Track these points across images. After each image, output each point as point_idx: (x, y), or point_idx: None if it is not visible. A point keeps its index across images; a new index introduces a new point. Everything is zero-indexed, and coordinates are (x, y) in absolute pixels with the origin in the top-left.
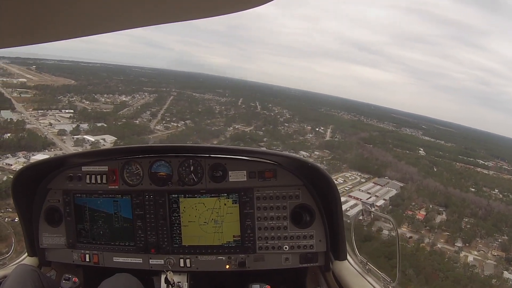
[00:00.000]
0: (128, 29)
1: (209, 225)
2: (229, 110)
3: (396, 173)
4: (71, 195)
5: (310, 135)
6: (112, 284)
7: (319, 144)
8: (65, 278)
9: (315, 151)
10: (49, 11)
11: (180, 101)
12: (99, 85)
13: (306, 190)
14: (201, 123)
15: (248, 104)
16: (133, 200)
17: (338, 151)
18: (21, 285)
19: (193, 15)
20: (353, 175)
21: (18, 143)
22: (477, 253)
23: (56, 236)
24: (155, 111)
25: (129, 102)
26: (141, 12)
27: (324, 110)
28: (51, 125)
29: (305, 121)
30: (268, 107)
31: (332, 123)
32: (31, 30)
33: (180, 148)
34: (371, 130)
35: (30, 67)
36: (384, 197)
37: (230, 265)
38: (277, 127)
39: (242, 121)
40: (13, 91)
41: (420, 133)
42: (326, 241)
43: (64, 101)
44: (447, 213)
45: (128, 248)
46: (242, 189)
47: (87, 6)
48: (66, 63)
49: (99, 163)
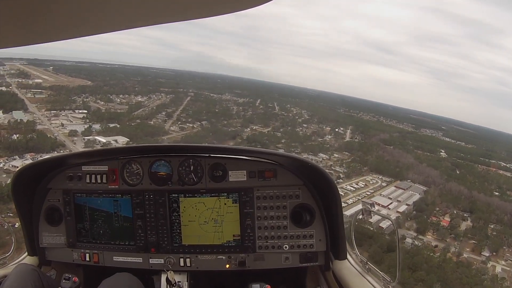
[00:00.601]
0: (128, 28)
1: (209, 225)
2: (247, 111)
3: (418, 176)
4: (71, 194)
5: (329, 136)
6: (112, 283)
7: (339, 145)
8: (65, 277)
9: (334, 153)
10: (49, 11)
11: (197, 102)
12: (116, 86)
13: (306, 189)
14: (218, 124)
15: (266, 104)
16: (133, 200)
17: (358, 153)
18: (21, 284)
19: (193, 15)
20: (374, 179)
21: (26, 144)
22: (504, 263)
23: (56, 235)
24: (170, 112)
25: (145, 103)
26: (141, 12)
27: (343, 111)
28: (63, 125)
29: (324, 121)
30: (286, 107)
31: (351, 124)
32: (31, 30)
33: (180, 148)
34: (391, 131)
35: (47, 68)
36: (407, 202)
37: (230, 265)
38: (295, 128)
39: (260, 122)
40: (27, 92)
41: (440, 134)
42: (326, 240)
43: (78, 102)
44: (472, 219)
45: (128, 248)
46: (242, 188)
47: (87, 6)
48: (84, 64)
49: (99, 162)
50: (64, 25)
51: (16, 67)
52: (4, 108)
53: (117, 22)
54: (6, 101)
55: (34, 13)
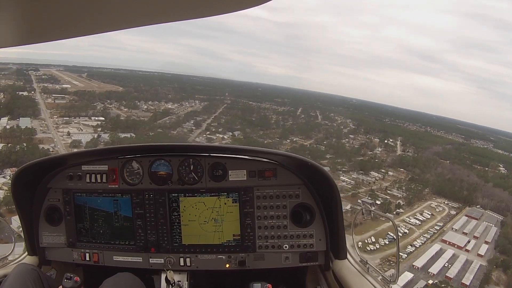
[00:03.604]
0: (127, 28)
1: (209, 224)
2: (287, 120)
3: (489, 201)
4: (71, 194)
5: (380, 149)
6: (113, 283)
7: (392, 161)
8: (67, 277)
9: (389, 170)
10: (49, 11)
11: (233, 110)
12: (146, 92)
13: (306, 189)
14: (253, 134)
15: (308, 113)
16: (133, 199)
17: (415, 169)
18: (21, 284)
19: (193, 15)
20: (440, 205)
21: (9, 158)
22: None
23: (56, 235)
24: (200, 120)
25: (174, 110)
26: (141, 12)
27: (388, 121)
28: (69, 134)
29: (371, 132)
30: (330, 116)
31: (399, 135)
32: (31, 30)
33: (180, 147)
34: (442, 143)
35: (82, 74)
36: (485, 238)
37: (230, 264)
38: (340, 139)
39: (301, 133)
40: (48, 97)
41: (491, 146)
42: (326, 240)
43: (98, 108)
44: None
45: (128, 247)
46: (242, 188)
47: (86, 6)
48: (123, 71)
49: (99, 162)
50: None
51: (50, 73)
52: (13, 114)
53: (116, 22)
54: (17, 106)
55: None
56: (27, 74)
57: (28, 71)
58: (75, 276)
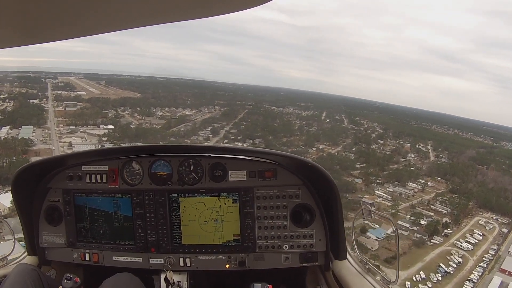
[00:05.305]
0: (127, 28)
1: (209, 224)
2: (311, 125)
3: None
4: (71, 194)
5: (412, 155)
6: (113, 283)
7: (427, 169)
8: (67, 277)
9: (427, 180)
10: (49, 11)
11: (254, 115)
12: (164, 98)
13: (306, 189)
14: (275, 142)
15: (333, 117)
16: (133, 200)
17: (454, 178)
18: (21, 284)
19: (193, 15)
20: (489, 222)
21: None
22: None
23: (56, 235)
24: (217, 128)
25: (192, 117)
26: (141, 12)
27: (415, 124)
28: (70, 145)
29: (400, 136)
30: (356, 120)
31: (428, 138)
32: (31, 30)
33: (180, 148)
34: (474, 147)
35: (100, 81)
36: None
37: (230, 265)
38: (370, 145)
39: (327, 139)
40: (58, 105)
41: None
42: (326, 240)
43: (109, 116)
44: None
45: (128, 247)
46: (242, 188)
47: (86, 6)
48: (143, 78)
49: (99, 162)
50: (63, 25)
51: (67, 81)
52: (15, 123)
53: (116, 22)
54: (21, 115)
55: (34, 13)
56: (43, 82)
57: (46, 79)
58: (75, 277)
